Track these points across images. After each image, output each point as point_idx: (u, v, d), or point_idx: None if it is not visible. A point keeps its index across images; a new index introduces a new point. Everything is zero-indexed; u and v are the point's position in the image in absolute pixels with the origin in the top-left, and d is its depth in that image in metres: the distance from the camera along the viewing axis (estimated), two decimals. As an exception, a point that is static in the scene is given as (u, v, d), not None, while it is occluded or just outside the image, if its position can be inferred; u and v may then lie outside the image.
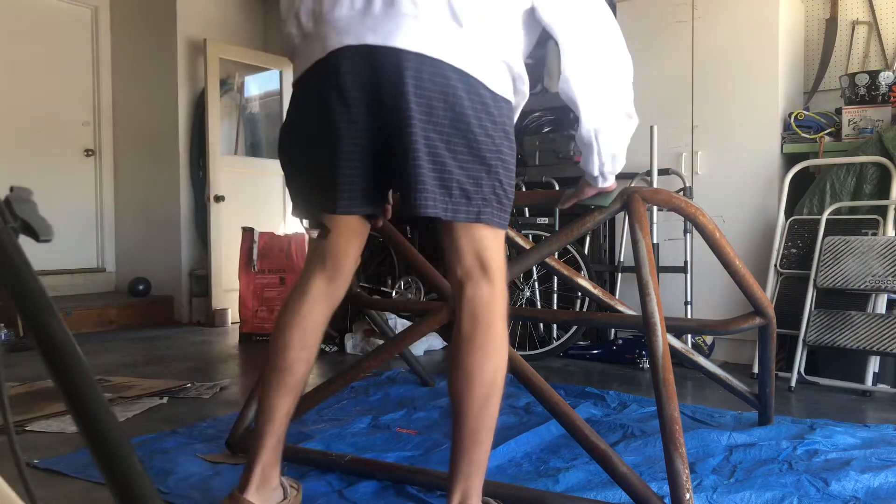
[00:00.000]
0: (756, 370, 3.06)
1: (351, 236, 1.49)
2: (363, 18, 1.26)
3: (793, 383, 2.96)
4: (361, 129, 1.31)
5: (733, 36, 3.49)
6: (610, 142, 1.47)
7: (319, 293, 1.51)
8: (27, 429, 2.37)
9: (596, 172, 1.54)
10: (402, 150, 1.26)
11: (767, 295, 3.20)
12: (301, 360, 1.50)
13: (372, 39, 1.25)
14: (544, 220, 3.88)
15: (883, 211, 3.08)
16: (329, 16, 1.30)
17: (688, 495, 1.51)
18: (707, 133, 3.58)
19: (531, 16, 1.36)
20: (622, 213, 1.85)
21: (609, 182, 1.59)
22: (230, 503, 1.49)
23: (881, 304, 2.95)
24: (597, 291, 2.36)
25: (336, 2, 1.29)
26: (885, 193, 3.11)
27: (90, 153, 5.53)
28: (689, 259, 3.50)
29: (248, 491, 1.48)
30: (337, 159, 1.34)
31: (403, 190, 1.29)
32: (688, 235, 3.49)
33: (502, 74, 1.29)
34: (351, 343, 3.97)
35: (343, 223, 1.47)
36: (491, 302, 1.36)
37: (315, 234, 1.46)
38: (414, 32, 1.23)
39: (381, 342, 3.53)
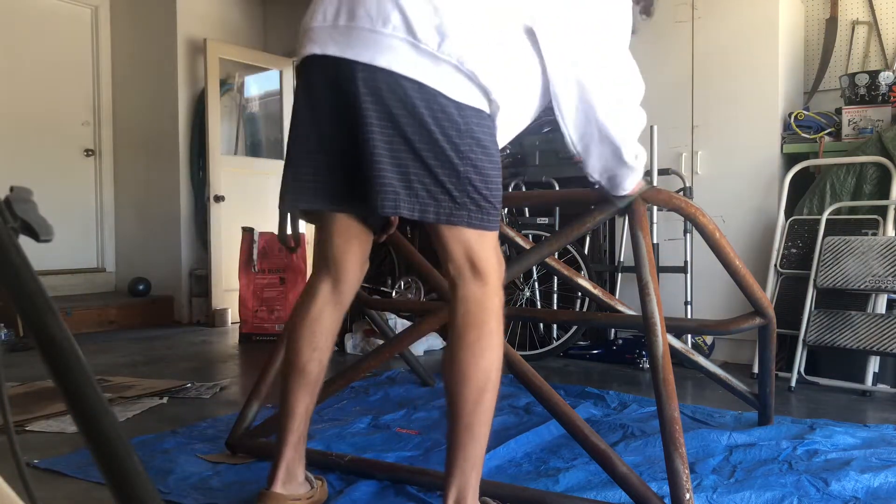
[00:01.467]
0: (756, 370, 3.06)
1: (349, 240, 1.54)
2: (330, 31, 1.34)
3: (793, 383, 2.96)
4: (322, 131, 1.39)
5: (733, 36, 3.49)
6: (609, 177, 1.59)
7: (326, 297, 1.57)
8: (27, 429, 2.37)
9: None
10: (365, 154, 1.31)
11: (767, 295, 3.20)
12: (313, 361, 1.57)
13: (333, 50, 1.33)
14: (544, 220, 3.88)
15: (883, 211, 3.08)
16: (308, 26, 1.39)
17: (688, 495, 1.51)
18: (707, 133, 3.58)
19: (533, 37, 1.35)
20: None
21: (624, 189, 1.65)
22: (259, 499, 1.56)
23: (881, 304, 2.95)
24: (597, 291, 2.36)
25: (315, 15, 1.38)
26: (885, 193, 3.11)
27: (90, 153, 5.53)
28: (689, 259, 3.50)
29: (276, 486, 1.56)
30: (296, 156, 1.44)
31: (367, 190, 1.34)
32: (688, 235, 3.49)
33: (465, 85, 1.30)
34: (351, 343, 3.97)
35: (337, 226, 1.53)
36: (482, 300, 1.39)
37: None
38: (366, 45, 1.29)
39: (381, 342, 3.53)
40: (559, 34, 1.35)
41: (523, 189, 3.93)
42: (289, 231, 3.92)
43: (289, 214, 1.72)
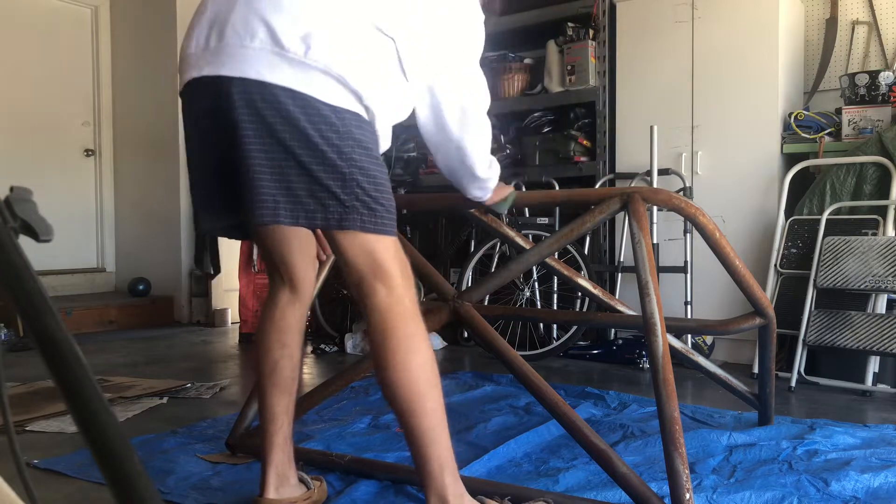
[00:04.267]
0: (756, 370, 3.06)
1: (287, 242, 1.57)
2: (203, 53, 1.36)
3: (793, 383, 2.96)
4: (213, 152, 1.40)
5: (733, 36, 3.49)
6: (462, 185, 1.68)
7: (286, 300, 1.61)
8: (27, 429, 2.37)
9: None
10: (241, 167, 1.32)
11: (767, 295, 3.20)
12: (284, 358, 1.59)
13: (208, 71, 1.34)
14: (544, 220, 3.88)
15: (883, 211, 3.08)
16: (184, 53, 1.41)
17: (688, 495, 1.51)
18: (707, 133, 3.58)
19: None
20: (622, 213, 1.86)
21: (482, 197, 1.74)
22: None
23: (881, 304, 2.95)
24: (597, 291, 2.36)
25: (189, 42, 1.40)
26: (885, 193, 3.11)
27: (90, 153, 5.53)
28: (689, 259, 3.50)
29: (268, 492, 1.56)
30: (198, 180, 1.46)
31: (245, 203, 1.33)
32: (688, 235, 3.49)
33: (338, 89, 1.30)
34: (351, 343, 3.97)
35: (269, 234, 1.55)
36: (392, 306, 1.38)
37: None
38: (236, 61, 1.31)
39: (381, 342, 3.52)
40: (414, 44, 1.38)
41: (523, 189, 3.93)
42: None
43: (207, 238, 1.74)
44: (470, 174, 1.62)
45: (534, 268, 3.67)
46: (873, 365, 2.89)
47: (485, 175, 1.64)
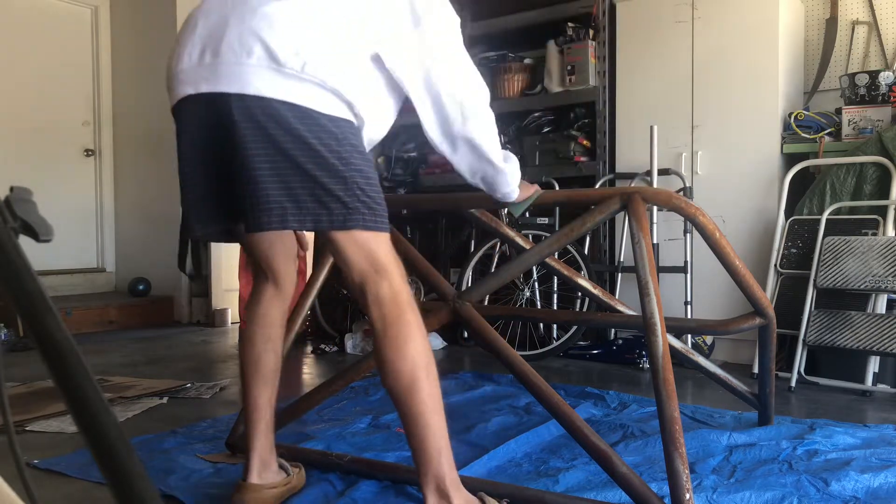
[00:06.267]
0: (756, 370, 3.06)
1: (271, 245, 1.67)
2: (198, 69, 1.40)
3: (793, 383, 2.96)
4: (209, 163, 1.46)
5: (733, 36, 3.49)
6: (484, 182, 1.64)
7: (270, 295, 1.71)
8: (27, 429, 2.37)
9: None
10: (245, 177, 1.37)
11: (767, 295, 3.20)
12: (268, 352, 1.68)
13: (205, 87, 1.39)
14: (544, 220, 3.88)
15: (883, 211, 3.08)
16: (175, 70, 1.45)
17: (688, 495, 1.51)
18: (707, 133, 3.58)
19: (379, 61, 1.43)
20: (622, 213, 1.86)
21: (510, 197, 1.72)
22: (237, 491, 1.64)
23: (881, 304, 2.95)
24: (597, 291, 2.36)
25: (180, 58, 1.44)
26: (885, 193, 3.11)
27: (90, 153, 5.53)
28: (689, 259, 3.50)
29: (251, 477, 1.64)
30: (191, 188, 1.50)
31: (249, 210, 1.39)
32: (688, 235, 3.49)
33: (332, 100, 1.38)
34: (351, 343, 3.97)
35: (254, 237, 1.62)
36: (394, 296, 1.45)
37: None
38: (234, 77, 1.36)
39: (381, 342, 3.53)
40: (404, 52, 1.43)
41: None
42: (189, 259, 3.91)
43: (189, 241, 1.83)
44: (492, 167, 1.60)
45: (534, 268, 3.67)
46: (873, 365, 2.89)
47: (506, 168, 1.62)
